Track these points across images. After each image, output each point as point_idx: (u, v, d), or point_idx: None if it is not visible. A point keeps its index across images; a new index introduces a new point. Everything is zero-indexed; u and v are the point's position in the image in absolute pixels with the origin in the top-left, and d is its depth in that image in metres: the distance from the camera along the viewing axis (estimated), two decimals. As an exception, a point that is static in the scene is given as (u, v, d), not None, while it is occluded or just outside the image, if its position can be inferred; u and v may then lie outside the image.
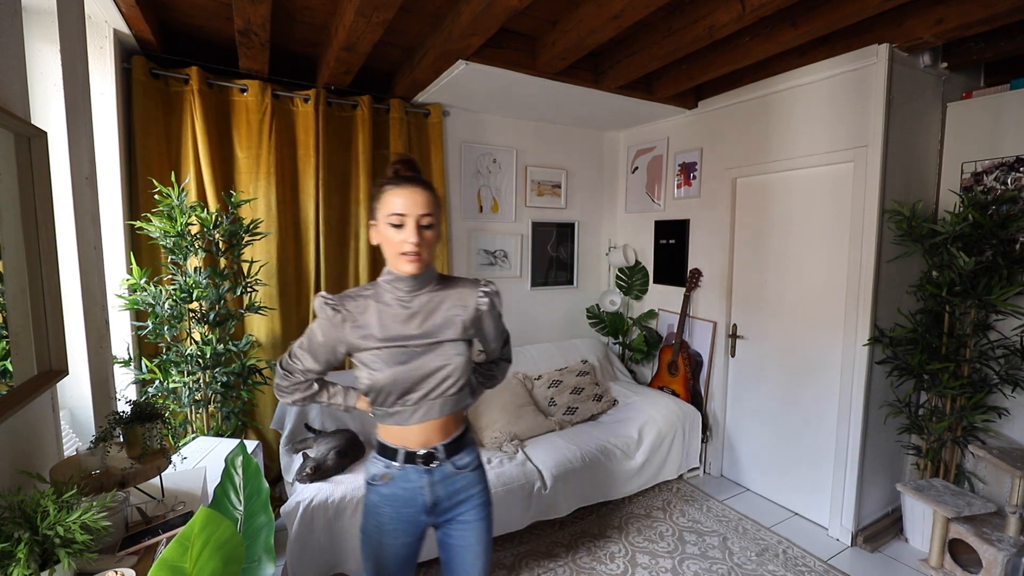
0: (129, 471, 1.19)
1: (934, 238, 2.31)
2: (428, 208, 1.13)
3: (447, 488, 1.25)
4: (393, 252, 1.15)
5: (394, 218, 1.12)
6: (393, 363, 1.16)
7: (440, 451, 1.23)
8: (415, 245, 1.12)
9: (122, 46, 2.33)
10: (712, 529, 2.63)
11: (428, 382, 1.18)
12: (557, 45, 2.36)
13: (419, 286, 1.20)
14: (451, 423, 1.26)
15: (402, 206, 1.12)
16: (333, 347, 1.21)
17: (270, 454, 2.74)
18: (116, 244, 2.29)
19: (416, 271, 1.15)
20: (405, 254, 1.13)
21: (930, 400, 2.49)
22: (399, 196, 1.12)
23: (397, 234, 1.13)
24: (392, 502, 1.23)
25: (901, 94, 2.37)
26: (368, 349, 1.17)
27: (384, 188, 1.16)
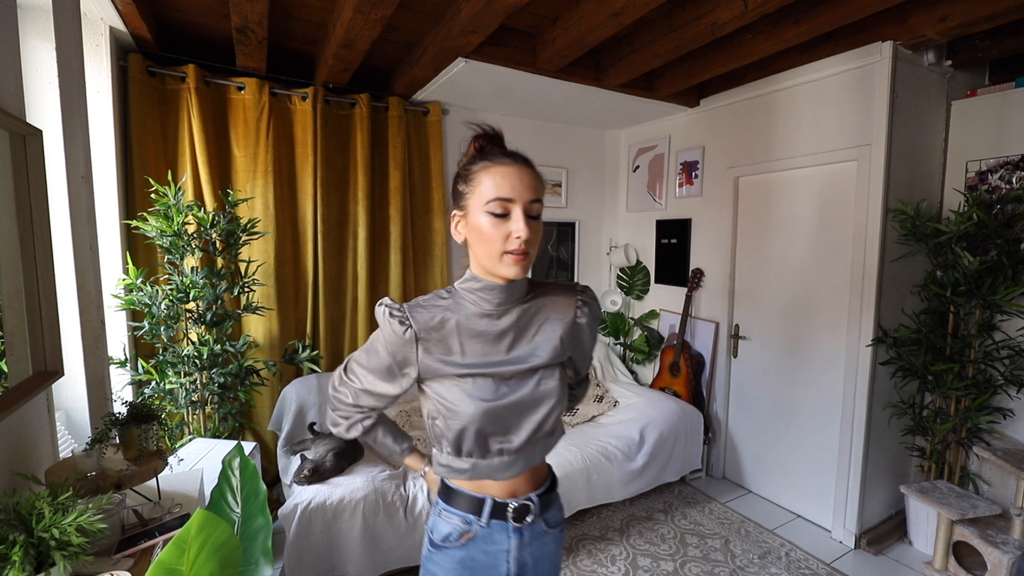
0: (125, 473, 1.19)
1: (938, 237, 2.31)
2: (538, 193, 0.90)
3: (536, 552, 1.00)
4: (491, 251, 0.88)
5: (496, 204, 0.86)
6: (479, 398, 0.91)
7: (535, 503, 0.99)
8: (525, 242, 0.86)
9: (118, 44, 2.33)
10: (714, 531, 2.63)
11: (526, 422, 0.94)
12: (557, 42, 2.36)
13: (512, 297, 0.95)
14: (542, 470, 1.04)
15: (509, 189, 0.86)
16: (399, 370, 0.94)
17: (268, 456, 2.75)
18: (112, 244, 2.29)
19: (521, 275, 0.90)
20: (511, 252, 0.87)
21: (934, 401, 2.49)
22: (503, 176, 0.87)
23: (499, 226, 0.87)
24: (470, 569, 0.97)
25: (905, 92, 2.37)
26: (446, 377, 0.92)
27: (479, 166, 0.90)
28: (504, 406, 0.92)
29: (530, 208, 0.88)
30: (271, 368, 2.45)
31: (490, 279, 0.93)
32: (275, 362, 2.49)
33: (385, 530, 2.09)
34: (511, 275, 0.89)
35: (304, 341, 2.79)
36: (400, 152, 2.98)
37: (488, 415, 0.91)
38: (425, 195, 3.15)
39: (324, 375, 2.71)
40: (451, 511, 0.98)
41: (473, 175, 0.90)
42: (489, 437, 0.93)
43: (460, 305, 0.95)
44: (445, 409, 0.92)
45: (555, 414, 0.96)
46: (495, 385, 0.92)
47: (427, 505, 2.16)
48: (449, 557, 0.97)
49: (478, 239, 0.90)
